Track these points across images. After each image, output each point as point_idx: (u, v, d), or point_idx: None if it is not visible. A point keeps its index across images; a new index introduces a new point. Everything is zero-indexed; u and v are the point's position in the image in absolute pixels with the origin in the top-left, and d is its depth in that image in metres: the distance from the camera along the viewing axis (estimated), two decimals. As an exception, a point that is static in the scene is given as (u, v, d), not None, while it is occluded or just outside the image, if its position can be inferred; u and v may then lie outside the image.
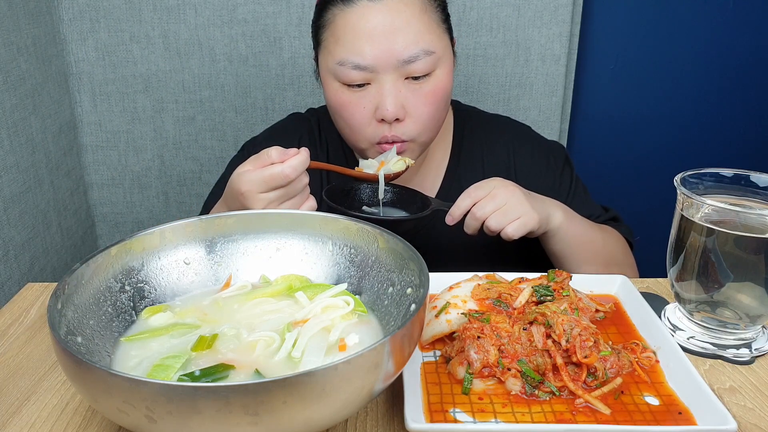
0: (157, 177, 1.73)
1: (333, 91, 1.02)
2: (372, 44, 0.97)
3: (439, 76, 1.01)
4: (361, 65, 0.98)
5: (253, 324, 0.71)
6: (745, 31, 1.75)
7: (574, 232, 1.05)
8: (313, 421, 0.53)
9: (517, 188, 0.99)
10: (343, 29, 0.98)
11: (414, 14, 0.98)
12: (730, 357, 0.79)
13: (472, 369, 0.70)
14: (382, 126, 1.01)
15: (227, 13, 1.57)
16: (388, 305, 0.72)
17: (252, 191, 0.88)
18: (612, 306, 0.85)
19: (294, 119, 1.25)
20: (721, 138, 1.87)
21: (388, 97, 0.98)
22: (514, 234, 0.96)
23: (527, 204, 0.97)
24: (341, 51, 0.99)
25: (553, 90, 1.68)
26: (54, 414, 0.70)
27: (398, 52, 0.97)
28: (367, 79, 0.99)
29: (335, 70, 1.00)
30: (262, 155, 0.89)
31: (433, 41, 0.99)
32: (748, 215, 0.77)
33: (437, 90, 1.01)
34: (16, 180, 1.34)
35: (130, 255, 0.73)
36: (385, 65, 0.97)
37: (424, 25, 0.99)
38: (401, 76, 0.99)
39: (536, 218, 0.97)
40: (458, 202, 0.98)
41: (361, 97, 1.00)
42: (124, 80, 1.63)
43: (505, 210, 0.96)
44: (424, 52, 0.98)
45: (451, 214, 0.99)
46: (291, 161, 0.88)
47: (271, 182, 0.87)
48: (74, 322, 0.63)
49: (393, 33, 0.96)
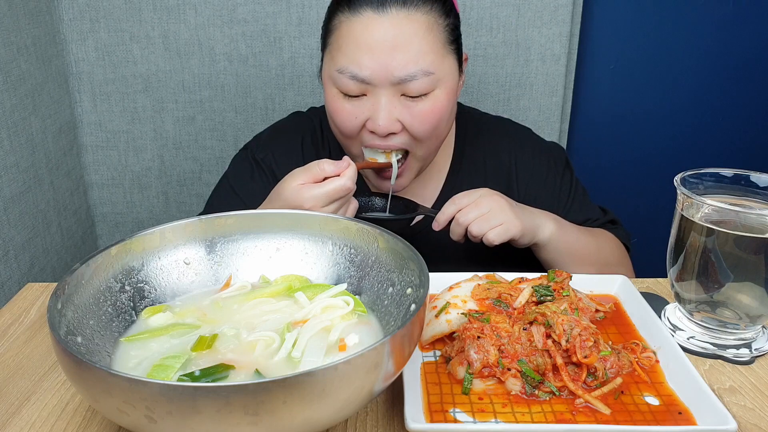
0: (157, 177, 1.73)
1: (330, 96, 1.03)
2: (371, 57, 0.96)
3: (438, 97, 1.00)
4: (358, 76, 0.97)
5: (252, 324, 0.71)
6: (745, 31, 1.75)
7: (566, 242, 1.06)
8: (313, 421, 0.53)
9: (502, 197, 1.01)
10: (346, 37, 0.98)
11: (418, 32, 0.97)
12: (730, 357, 0.79)
13: (472, 369, 0.70)
14: (373, 136, 1.02)
15: (227, 13, 1.57)
16: (388, 305, 0.72)
17: (316, 207, 0.91)
18: (612, 306, 0.85)
19: (296, 118, 1.25)
20: (721, 138, 1.87)
21: (381, 111, 0.98)
22: (495, 239, 0.98)
23: (510, 212, 0.99)
24: (341, 59, 0.98)
25: (553, 90, 1.68)
26: (54, 414, 0.70)
27: (396, 68, 0.96)
28: (364, 90, 0.99)
29: (334, 77, 1.00)
30: (313, 168, 0.93)
31: (434, 62, 0.98)
32: (748, 215, 0.77)
33: (434, 111, 1.00)
34: (16, 180, 1.34)
35: (130, 255, 0.73)
36: (381, 80, 0.97)
37: (427, 45, 0.97)
38: (397, 92, 0.99)
39: (519, 226, 0.99)
40: (444, 208, 1.02)
41: (355, 107, 1.01)
42: (124, 80, 1.63)
43: (487, 216, 0.99)
44: (422, 72, 0.97)
45: (437, 220, 1.03)
46: (348, 173, 0.92)
47: (335, 196, 0.92)
48: (74, 322, 0.63)
49: (393, 49, 0.96)
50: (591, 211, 1.19)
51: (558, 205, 1.16)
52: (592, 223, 1.18)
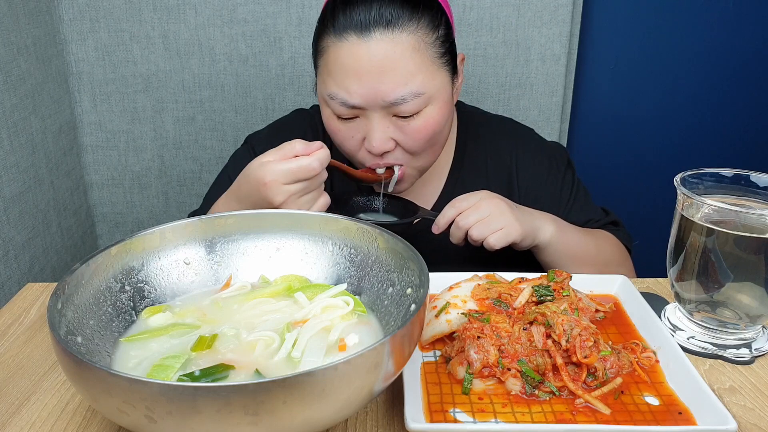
0: (157, 177, 1.73)
1: (326, 117, 1.04)
2: (359, 83, 0.95)
3: (430, 113, 0.99)
4: (348, 103, 0.97)
5: (252, 324, 0.71)
6: (745, 31, 1.75)
7: (566, 244, 1.05)
8: (313, 421, 0.53)
9: (502, 200, 1.00)
10: (333, 63, 0.98)
11: (404, 55, 0.95)
12: (730, 357, 0.78)
13: (472, 369, 0.70)
14: (370, 156, 1.03)
15: (227, 13, 1.57)
16: (388, 305, 0.72)
17: (277, 181, 0.88)
18: (612, 306, 0.85)
19: (298, 115, 1.25)
20: (721, 138, 1.87)
21: (374, 132, 0.99)
22: (495, 244, 0.98)
23: (510, 216, 0.98)
24: (331, 84, 0.98)
25: (553, 90, 1.68)
26: (54, 414, 0.70)
27: (385, 93, 0.95)
28: (355, 114, 0.99)
29: (327, 100, 1.01)
30: (285, 147, 0.90)
31: (423, 82, 0.97)
32: (748, 215, 0.77)
33: (427, 127, 1.00)
34: (16, 180, 1.34)
35: (130, 255, 0.73)
36: (371, 104, 0.97)
37: (414, 66, 0.96)
38: (389, 114, 0.99)
39: (519, 230, 0.98)
40: (443, 212, 1.01)
41: (350, 128, 1.01)
42: (124, 80, 1.63)
43: (487, 221, 0.98)
44: (412, 95, 0.96)
45: (437, 224, 1.02)
46: (318, 154, 0.89)
47: (299, 174, 0.88)
48: (74, 322, 0.63)
49: (380, 74, 0.95)
50: (593, 212, 1.19)
51: (559, 205, 1.16)
52: (593, 224, 1.17)
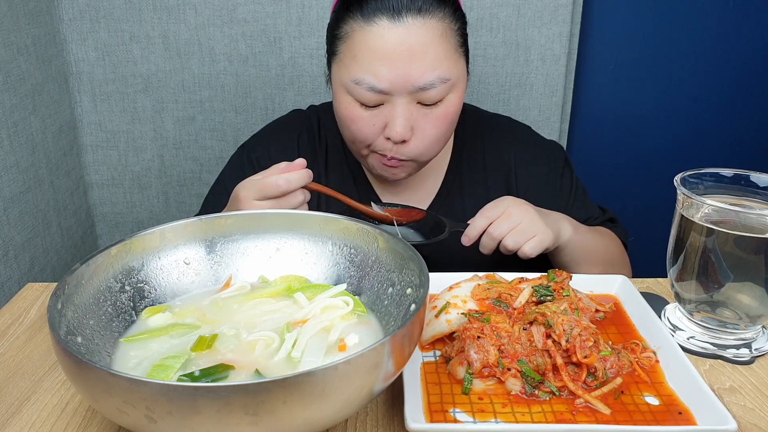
0: (157, 177, 1.73)
1: (344, 104, 1.01)
2: (389, 67, 0.95)
3: (451, 100, 1.00)
4: (376, 87, 0.96)
5: (252, 324, 0.71)
6: (745, 31, 1.75)
7: (581, 243, 1.06)
8: (313, 421, 0.53)
9: (530, 207, 1.00)
10: (360, 47, 0.96)
11: (434, 40, 0.95)
12: (730, 357, 0.78)
13: (472, 369, 0.70)
14: (388, 142, 1.01)
15: (227, 13, 1.57)
16: (388, 305, 0.72)
17: (248, 197, 0.90)
18: (612, 306, 0.85)
19: (294, 116, 1.25)
20: (721, 138, 1.87)
21: (398, 118, 0.98)
22: (531, 252, 0.97)
23: (541, 222, 0.98)
24: (357, 70, 0.97)
25: (553, 90, 1.68)
26: (54, 414, 0.70)
27: (414, 78, 0.95)
28: (381, 100, 0.98)
29: (349, 87, 0.99)
30: (273, 167, 0.92)
31: (449, 68, 0.97)
32: (748, 215, 0.77)
33: (447, 114, 1.00)
34: (16, 180, 1.34)
35: (130, 255, 0.73)
36: (399, 89, 0.96)
37: (442, 51, 0.96)
38: (413, 100, 0.98)
39: (551, 236, 0.98)
40: (474, 222, 0.99)
41: (373, 116, 1.00)
42: (124, 80, 1.63)
43: (521, 229, 0.97)
44: (439, 80, 0.96)
45: (467, 235, 1.00)
46: (287, 174, 0.90)
47: (265, 190, 0.90)
48: (74, 322, 0.63)
49: (411, 58, 0.94)
50: (591, 210, 1.20)
51: (559, 203, 1.16)
52: (592, 221, 1.18)
